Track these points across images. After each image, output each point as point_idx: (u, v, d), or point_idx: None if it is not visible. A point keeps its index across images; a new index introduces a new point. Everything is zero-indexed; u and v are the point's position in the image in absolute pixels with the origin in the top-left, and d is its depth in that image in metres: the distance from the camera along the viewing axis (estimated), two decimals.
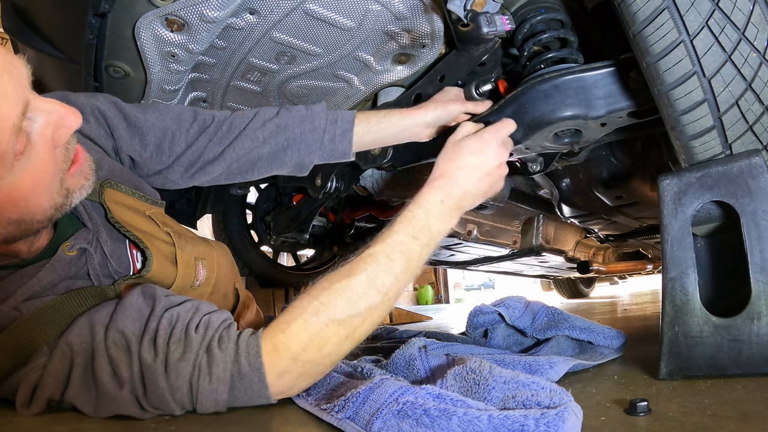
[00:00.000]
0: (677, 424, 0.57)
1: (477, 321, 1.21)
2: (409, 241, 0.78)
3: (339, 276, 0.73)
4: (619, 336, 1.05)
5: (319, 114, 1.02)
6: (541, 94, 0.98)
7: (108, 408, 0.65)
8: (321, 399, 0.75)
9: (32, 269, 0.73)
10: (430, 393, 0.63)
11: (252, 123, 0.99)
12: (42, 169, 0.63)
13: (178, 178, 1.00)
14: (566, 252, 2.36)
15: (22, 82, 0.60)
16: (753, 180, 0.75)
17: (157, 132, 0.94)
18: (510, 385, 0.65)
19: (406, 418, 0.59)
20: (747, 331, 0.73)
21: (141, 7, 0.95)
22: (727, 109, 0.75)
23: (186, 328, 0.67)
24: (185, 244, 0.94)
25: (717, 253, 0.86)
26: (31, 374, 0.66)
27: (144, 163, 0.95)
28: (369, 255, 0.75)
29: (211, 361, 0.64)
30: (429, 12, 1.07)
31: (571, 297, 4.89)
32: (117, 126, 0.90)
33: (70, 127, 0.66)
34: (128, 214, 0.86)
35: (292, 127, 1.00)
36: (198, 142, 0.97)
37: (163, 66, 1.09)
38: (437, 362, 0.87)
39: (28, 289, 0.71)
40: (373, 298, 0.73)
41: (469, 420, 0.55)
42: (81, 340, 0.66)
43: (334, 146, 1.03)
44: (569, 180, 1.62)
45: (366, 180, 1.54)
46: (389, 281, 0.74)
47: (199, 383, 0.64)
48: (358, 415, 0.63)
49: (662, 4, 0.72)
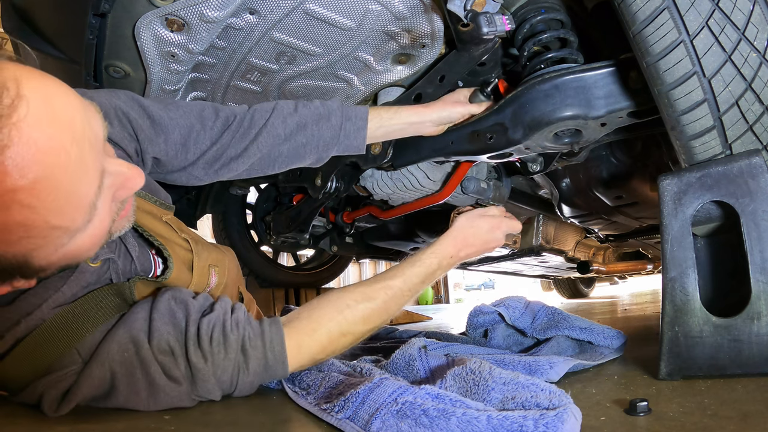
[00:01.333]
0: (677, 424, 0.57)
1: (477, 321, 1.21)
2: (419, 283, 0.95)
3: (360, 297, 0.87)
4: (619, 336, 1.05)
5: (335, 111, 1.05)
6: (541, 94, 0.98)
7: (164, 403, 0.72)
8: (321, 398, 0.75)
9: (57, 280, 0.73)
10: (429, 393, 0.63)
11: (272, 119, 1.00)
12: (100, 228, 0.63)
13: (203, 174, 1.00)
14: (566, 252, 2.36)
15: (99, 149, 0.59)
16: (753, 180, 0.75)
17: (182, 130, 0.93)
18: (510, 386, 0.65)
19: (405, 418, 0.59)
20: (747, 331, 0.73)
21: (141, 7, 0.95)
22: (727, 109, 0.75)
23: (223, 330, 0.75)
24: (201, 250, 0.97)
25: (717, 253, 0.86)
26: (63, 380, 0.69)
27: (169, 161, 0.94)
28: (388, 286, 0.90)
29: (247, 360, 0.75)
30: (429, 12, 1.07)
31: (571, 297, 4.89)
32: (141, 126, 0.88)
33: (133, 189, 0.66)
34: (148, 219, 0.88)
35: (311, 126, 1.03)
36: (222, 139, 0.97)
37: (163, 66, 1.09)
38: (437, 363, 0.87)
39: (53, 301, 0.71)
40: (380, 320, 0.89)
41: (468, 420, 0.55)
42: (123, 349, 0.70)
43: (349, 142, 1.07)
44: (569, 180, 1.62)
45: (366, 180, 1.54)
46: (395, 309, 0.91)
47: (239, 377, 0.75)
48: (357, 415, 0.63)
49: (662, 4, 0.72)
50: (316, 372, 0.88)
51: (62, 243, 0.58)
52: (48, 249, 0.58)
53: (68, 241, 0.59)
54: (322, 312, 0.83)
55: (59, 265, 0.63)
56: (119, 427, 0.68)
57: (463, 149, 1.16)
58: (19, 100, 0.50)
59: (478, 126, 1.12)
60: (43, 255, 0.58)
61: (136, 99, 0.90)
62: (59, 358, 0.69)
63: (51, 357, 0.69)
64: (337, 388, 0.77)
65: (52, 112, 0.53)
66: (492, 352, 1.06)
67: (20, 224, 0.52)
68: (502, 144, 1.09)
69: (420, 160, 1.28)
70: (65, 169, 0.53)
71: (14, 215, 0.51)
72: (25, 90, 0.51)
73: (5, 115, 0.49)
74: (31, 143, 0.50)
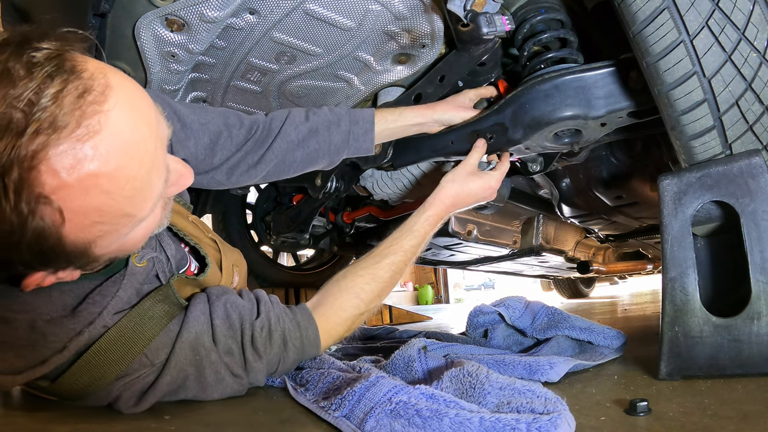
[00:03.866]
0: (677, 424, 0.57)
1: (477, 321, 1.21)
2: (416, 252, 1.04)
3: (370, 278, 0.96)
4: (619, 336, 1.05)
5: (343, 117, 1.10)
6: (541, 94, 0.98)
7: (226, 394, 0.81)
8: (319, 396, 0.76)
9: (110, 286, 0.75)
10: (424, 393, 0.63)
11: (285, 126, 1.05)
12: (153, 221, 0.65)
13: (224, 179, 1.04)
14: (566, 252, 2.36)
15: (166, 145, 0.62)
16: (753, 180, 0.75)
17: (211, 135, 0.97)
18: (506, 391, 0.65)
19: (398, 417, 0.59)
20: (747, 331, 0.73)
21: (141, 7, 0.95)
22: (727, 109, 0.75)
23: (269, 329, 0.83)
24: (227, 250, 1.01)
25: (717, 253, 0.86)
26: (137, 382, 0.74)
27: (197, 164, 0.97)
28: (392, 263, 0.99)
29: (287, 350, 0.85)
30: (429, 12, 1.07)
31: (571, 297, 4.88)
32: (173, 128, 0.90)
33: (184, 186, 0.69)
34: (178, 218, 0.92)
35: (322, 132, 1.08)
36: (245, 146, 1.01)
37: (163, 66, 1.09)
38: (435, 364, 0.86)
39: (113, 307, 0.73)
40: (388, 292, 1.00)
41: (461, 422, 0.55)
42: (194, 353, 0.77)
43: (358, 145, 1.12)
44: (569, 180, 1.62)
45: (366, 180, 1.54)
46: (398, 279, 1.02)
47: (280, 365, 0.85)
48: (353, 413, 0.64)
49: (662, 4, 0.72)
50: (316, 369, 0.88)
51: (125, 233, 0.60)
52: (111, 237, 0.59)
53: (129, 231, 0.61)
54: (342, 299, 0.94)
55: (110, 257, 0.65)
56: (119, 427, 0.68)
57: (463, 149, 1.16)
58: (110, 90, 0.53)
59: (478, 126, 1.12)
60: (105, 243, 0.59)
61: (167, 101, 0.93)
62: (131, 364, 0.73)
63: (123, 363, 0.72)
64: (335, 385, 0.77)
65: (135, 105, 0.56)
66: (492, 352, 1.05)
67: (96, 209, 0.54)
68: (502, 144, 1.09)
69: (420, 160, 1.28)
70: (142, 159, 0.56)
71: (92, 199, 0.53)
72: (113, 81, 0.54)
73: (97, 102, 0.51)
74: (117, 132, 0.53)
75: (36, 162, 0.49)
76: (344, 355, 1.22)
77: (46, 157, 0.49)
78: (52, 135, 0.49)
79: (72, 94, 0.50)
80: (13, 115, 0.48)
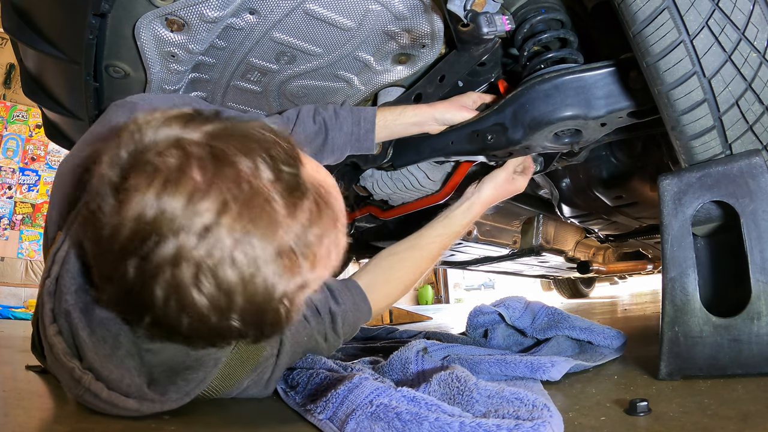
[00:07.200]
0: (677, 424, 0.57)
1: (477, 321, 1.21)
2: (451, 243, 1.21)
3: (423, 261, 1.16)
4: (619, 336, 1.05)
5: (346, 118, 1.14)
6: (541, 94, 0.98)
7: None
8: (306, 398, 0.76)
9: None
10: (405, 396, 0.62)
11: (296, 127, 1.10)
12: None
13: None
14: (566, 252, 2.36)
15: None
16: (753, 180, 0.75)
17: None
18: (494, 399, 0.64)
19: (378, 420, 0.59)
20: (747, 331, 0.73)
21: (141, 7, 0.95)
22: (727, 109, 0.75)
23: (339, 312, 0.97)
24: None
25: (717, 253, 0.86)
26: (265, 371, 0.85)
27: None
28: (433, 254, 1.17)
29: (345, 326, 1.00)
30: (429, 12, 1.07)
31: (571, 297, 4.88)
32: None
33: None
34: None
35: (329, 130, 1.12)
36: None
37: (163, 66, 1.09)
38: (431, 366, 0.86)
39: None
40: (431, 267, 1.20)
41: (441, 426, 0.55)
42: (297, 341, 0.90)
43: (360, 144, 1.16)
44: (569, 180, 1.62)
45: (366, 180, 1.54)
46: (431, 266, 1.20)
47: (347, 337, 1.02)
48: (336, 416, 0.64)
49: (662, 4, 0.72)
50: (306, 369, 0.88)
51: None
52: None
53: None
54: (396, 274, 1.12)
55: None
56: (119, 427, 0.68)
57: (463, 149, 1.16)
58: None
59: (478, 126, 1.12)
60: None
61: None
62: (262, 355, 0.85)
63: (259, 356, 0.84)
64: (322, 386, 0.77)
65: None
66: (492, 353, 1.05)
67: (334, 243, 0.67)
68: (502, 144, 1.09)
69: (420, 160, 1.28)
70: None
71: (341, 239, 0.69)
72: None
73: (299, 163, 0.64)
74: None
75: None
76: (344, 355, 1.22)
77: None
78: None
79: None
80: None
